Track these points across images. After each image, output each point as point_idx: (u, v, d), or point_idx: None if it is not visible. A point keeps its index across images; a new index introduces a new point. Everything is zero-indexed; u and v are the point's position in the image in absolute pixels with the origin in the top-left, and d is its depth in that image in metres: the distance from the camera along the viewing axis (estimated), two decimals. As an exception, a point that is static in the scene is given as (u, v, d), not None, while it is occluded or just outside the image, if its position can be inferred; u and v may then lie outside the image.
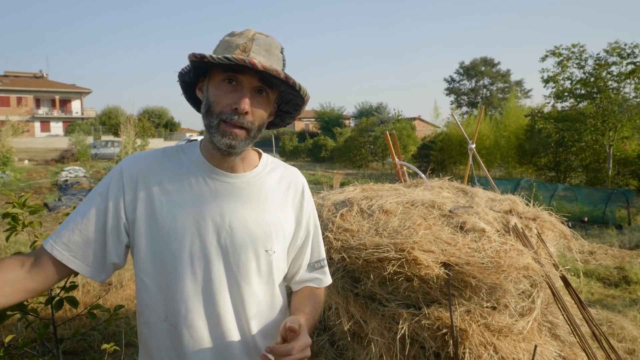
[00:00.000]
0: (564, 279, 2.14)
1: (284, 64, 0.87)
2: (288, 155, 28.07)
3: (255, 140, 0.87)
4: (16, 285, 0.78)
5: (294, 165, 1.05)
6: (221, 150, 0.85)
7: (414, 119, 31.90)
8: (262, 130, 0.88)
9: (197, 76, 0.89)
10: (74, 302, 1.36)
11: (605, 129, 12.47)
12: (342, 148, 24.45)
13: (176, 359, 0.88)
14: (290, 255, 0.99)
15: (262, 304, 0.91)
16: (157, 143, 25.69)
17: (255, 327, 0.90)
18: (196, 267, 0.85)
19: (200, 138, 0.95)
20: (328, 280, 1.05)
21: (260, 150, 1.00)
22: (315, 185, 11.82)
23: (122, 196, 0.86)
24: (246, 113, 0.82)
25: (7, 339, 1.41)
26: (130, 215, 0.86)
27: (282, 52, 0.88)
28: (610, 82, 13.09)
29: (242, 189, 0.90)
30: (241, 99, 0.81)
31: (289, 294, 1.04)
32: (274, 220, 0.91)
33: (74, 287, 1.47)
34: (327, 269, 1.06)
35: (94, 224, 0.84)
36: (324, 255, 1.05)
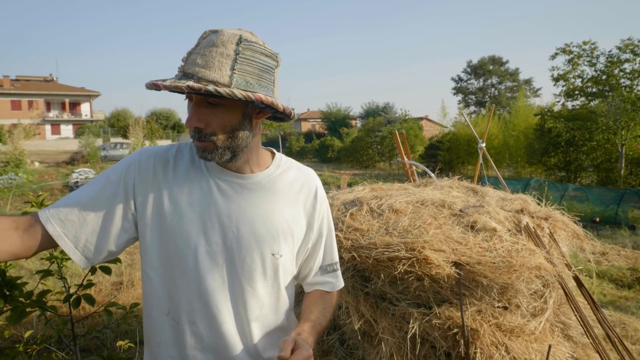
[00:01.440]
0: (576, 279, 2.11)
1: (236, 60, 0.77)
2: (295, 155, 28.11)
3: (236, 145, 0.84)
4: (4, 248, 0.76)
5: None
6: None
7: (421, 118, 31.76)
8: (236, 133, 0.83)
9: None
10: (91, 300, 1.38)
11: (618, 127, 12.27)
12: (349, 148, 24.45)
13: (176, 354, 0.88)
14: (300, 257, 0.97)
15: (266, 307, 0.91)
16: (164, 144, 25.87)
17: (257, 330, 0.90)
18: (200, 267, 0.85)
19: None
20: (340, 284, 1.04)
21: (274, 150, 0.98)
22: (323, 185, 11.79)
23: (133, 187, 0.86)
24: (196, 128, 0.81)
25: (26, 335, 1.44)
26: (140, 207, 0.86)
27: (238, 44, 0.78)
28: (622, 80, 12.89)
29: (251, 190, 0.89)
30: (189, 117, 0.81)
31: (299, 293, 1.04)
32: (282, 223, 0.90)
33: (90, 285, 1.50)
34: (339, 272, 1.04)
35: (97, 208, 0.83)
36: (336, 258, 1.03)
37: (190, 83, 0.74)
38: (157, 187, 0.86)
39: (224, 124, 0.81)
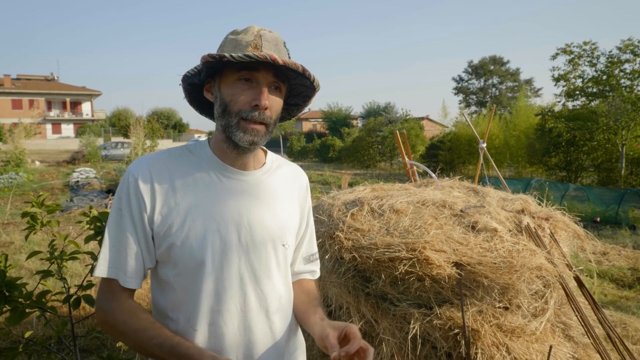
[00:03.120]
0: (577, 279, 2.11)
1: (289, 57, 0.89)
2: (296, 155, 28.12)
3: (272, 134, 0.90)
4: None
5: (301, 165, 1.08)
6: (241, 148, 0.86)
7: (422, 118, 31.74)
8: (277, 121, 0.90)
9: (206, 78, 0.89)
10: (91, 301, 1.38)
11: (618, 127, 12.26)
12: (349, 148, 24.43)
13: None
14: (294, 248, 1.02)
15: (283, 298, 0.94)
16: (166, 144, 25.95)
17: (278, 321, 0.92)
18: (218, 266, 0.85)
19: (207, 138, 0.96)
20: (318, 272, 1.10)
21: (265, 148, 1.01)
22: (324, 185, 11.81)
23: (144, 207, 0.85)
24: (266, 108, 0.84)
25: (26, 335, 1.44)
26: (151, 223, 0.86)
27: (285, 46, 0.89)
28: (623, 80, 12.88)
29: (255, 186, 0.92)
30: (260, 95, 0.82)
31: None
32: (286, 216, 0.94)
33: (90, 285, 1.49)
34: (318, 261, 1.10)
35: (131, 242, 0.85)
36: (316, 248, 1.09)
37: (285, 58, 0.81)
38: (161, 198, 0.85)
39: (278, 109, 0.88)
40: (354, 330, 0.80)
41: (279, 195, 0.95)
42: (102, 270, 0.84)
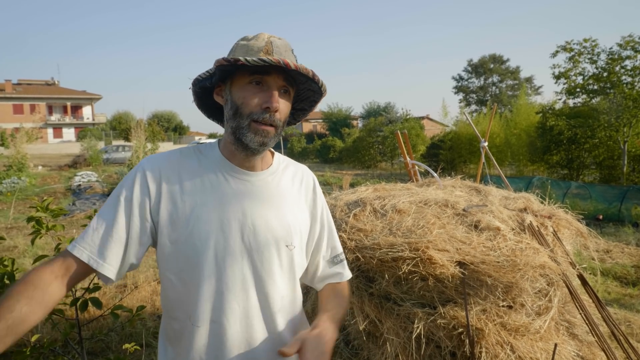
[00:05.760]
0: (581, 277, 2.11)
1: (296, 61, 0.91)
2: (296, 156, 28.12)
3: (280, 137, 0.91)
4: (51, 303, 0.79)
5: None
6: (250, 149, 0.88)
7: (422, 118, 31.72)
8: (285, 124, 0.92)
9: (218, 81, 0.91)
10: (98, 303, 1.38)
11: (620, 124, 12.23)
12: (350, 149, 24.44)
13: (197, 356, 0.88)
14: (309, 251, 1.01)
15: (285, 298, 0.94)
16: (166, 147, 25.94)
17: (280, 321, 0.93)
18: (221, 265, 0.86)
19: (208, 141, 0.97)
20: (348, 274, 1.07)
21: (272, 149, 1.02)
22: (325, 186, 11.81)
23: (148, 199, 0.87)
24: (276, 111, 0.86)
25: (33, 339, 1.45)
26: (156, 217, 0.87)
27: (293, 52, 0.91)
28: (624, 77, 12.84)
29: (261, 187, 0.93)
30: (272, 98, 0.85)
31: (305, 293, 1.05)
32: (292, 217, 0.94)
33: (97, 288, 1.50)
34: (345, 262, 1.08)
35: (119, 228, 0.85)
36: (341, 249, 1.07)
37: (303, 66, 0.84)
38: (168, 194, 0.87)
39: (286, 112, 0.90)
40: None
41: (285, 195, 0.95)
42: (71, 245, 0.84)
